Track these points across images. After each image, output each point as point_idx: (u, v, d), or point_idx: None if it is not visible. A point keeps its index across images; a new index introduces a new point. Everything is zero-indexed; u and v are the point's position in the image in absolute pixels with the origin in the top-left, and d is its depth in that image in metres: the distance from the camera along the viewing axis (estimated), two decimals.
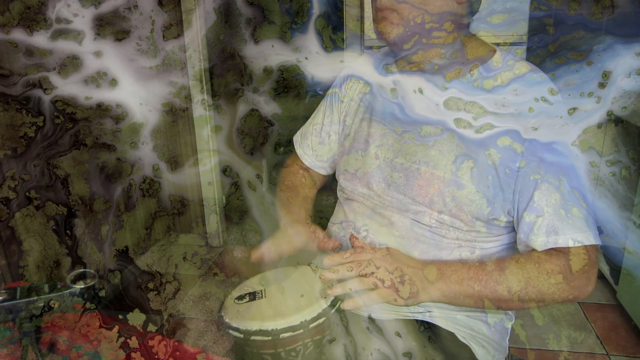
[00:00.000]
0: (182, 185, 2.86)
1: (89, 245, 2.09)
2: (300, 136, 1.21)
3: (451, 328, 0.95)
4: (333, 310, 0.83)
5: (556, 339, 1.97)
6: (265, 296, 0.89)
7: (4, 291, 0.74)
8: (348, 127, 1.09)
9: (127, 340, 0.87)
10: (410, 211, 0.94)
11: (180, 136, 2.76)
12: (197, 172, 2.82)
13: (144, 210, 2.62)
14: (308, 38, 1.09)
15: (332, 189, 1.13)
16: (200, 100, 2.64)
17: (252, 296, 0.89)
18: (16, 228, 1.74)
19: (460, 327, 0.95)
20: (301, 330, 0.79)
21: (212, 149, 2.76)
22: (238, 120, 2.71)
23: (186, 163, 2.80)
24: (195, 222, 2.91)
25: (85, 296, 0.77)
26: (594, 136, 2.20)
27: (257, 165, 3.25)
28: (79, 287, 0.76)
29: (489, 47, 0.96)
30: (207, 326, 2.11)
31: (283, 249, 0.96)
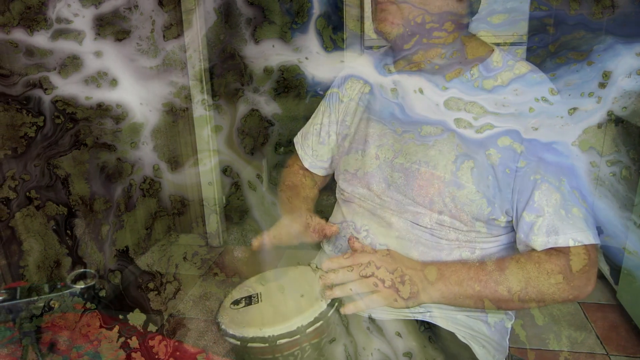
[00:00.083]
0: (183, 185, 2.86)
1: (89, 245, 2.09)
2: (301, 137, 1.21)
3: (451, 328, 0.95)
4: (331, 312, 0.82)
5: (556, 339, 1.97)
6: (261, 300, 0.88)
7: (4, 291, 0.74)
8: (348, 127, 1.09)
9: (128, 340, 0.87)
10: (409, 213, 0.94)
11: (180, 136, 2.76)
12: (197, 172, 2.82)
13: (144, 210, 2.62)
14: (308, 38, 1.09)
15: (333, 189, 1.13)
16: (200, 100, 2.64)
17: (248, 300, 0.89)
18: (16, 228, 1.74)
19: (460, 327, 0.95)
20: (298, 336, 0.78)
21: (212, 149, 2.76)
22: (238, 120, 2.71)
23: (186, 163, 2.80)
24: (195, 222, 2.91)
25: (86, 296, 0.77)
26: (594, 136, 2.20)
27: (257, 165, 3.25)
28: (79, 287, 0.76)
29: (488, 47, 0.96)
30: (207, 326, 2.11)
31: (283, 237, 0.96)
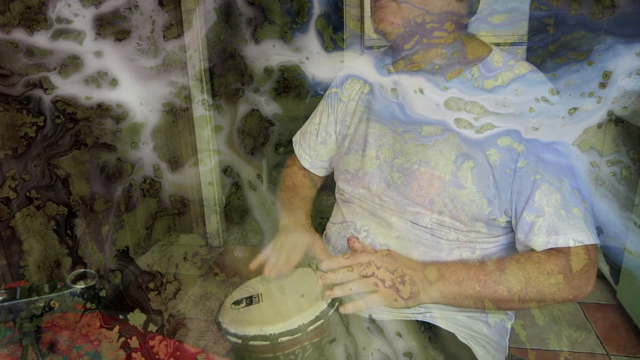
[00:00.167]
0: (183, 185, 2.86)
1: (89, 245, 2.09)
2: (300, 136, 1.21)
3: (451, 328, 0.94)
4: (332, 311, 0.82)
5: (556, 339, 1.97)
6: (262, 300, 0.88)
7: (4, 291, 0.74)
8: (348, 127, 1.08)
9: (128, 340, 0.87)
10: (409, 213, 0.93)
11: (180, 136, 2.76)
12: (197, 172, 2.82)
13: (144, 210, 2.62)
14: (309, 38, 1.09)
15: (333, 189, 1.13)
16: (200, 100, 2.64)
17: (249, 300, 0.89)
18: (17, 228, 1.74)
19: (460, 328, 0.95)
20: (299, 334, 0.79)
21: (212, 149, 2.76)
22: (238, 120, 2.71)
23: (187, 163, 2.80)
24: (195, 222, 2.91)
25: (86, 296, 0.77)
26: (594, 136, 2.20)
27: (257, 165, 3.25)
28: (80, 287, 0.76)
29: (488, 47, 0.96)
30: (207, 326, 2.11)
31: (285, 261, 0.94)
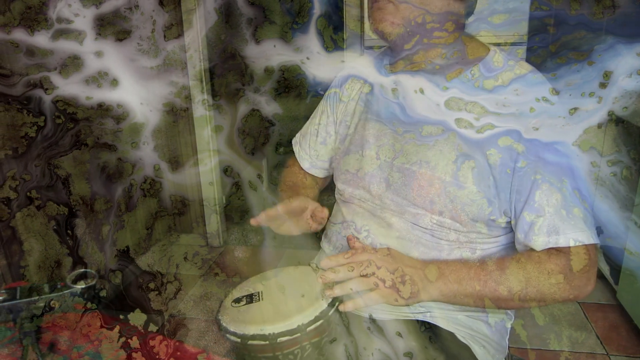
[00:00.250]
0: (183, 185, 2.86)
1: (90, 245, 2.09)
2: (300, 137, 1.21)
3: (451, 328, 0.94)
4: (332, 311, 0.82)
5: (556, 339, 1.97)
6: (262, 299, 0.88)
7: (5, 291, 0.74)
8: (348, 127, 1.08)
9: (128, 340, 0.87)
10: (409, 214, 0.93)
11: (181, 136, 2.76)
12: (197, 172, 2.82)
13: (144, 210, 2.62)
14: (309, 38, 1.09)
15: (333, 189, 1.13)
16: (201, 100, 2.64)
17: (249, 299, 0.89)
18: (17, 228, 1.75)
19: (460, 327, 0.95)
20: (299, 334, 0.78)
21: (212, 149, 2.76)
22: (239, 120, 2.71)
23: (187, 163, 2.80)
24: (196, 222, 2.92)
25: (86, 296, 0.77)
26: (594, 136, 2.20)
27: (257, 165, 3.25)
28: (80, 287, 0.76)
29: (487, 47, 0.96)
30: (208, 326, 2.11)
31: (280, 209, 0.94)
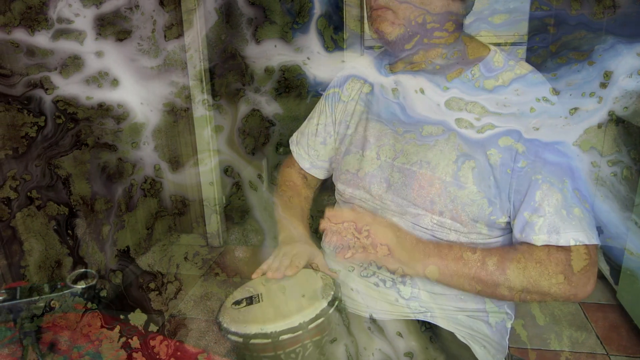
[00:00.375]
0: (183, 185, 2.86)
1: (90, 245, 2.09)
2: (299, 137, 1.20)
3: (452, 328, 0.94)
4: (332, 310, 0.82)
5: (557, 339, 1.97)
6: (262, 300, 0.88)
7: (5, 291, 0.74)
8: (348, 127, 1.08)
9: (129, 340, 0.88)
10: (409, 214, 0.93)
11: (181, 136, 2.76)
12: (197, 172, 2.83)
13: (145, 210, 2.62)
14: (309, 38, 1.09)
15: (334, 190, 1.13)
16: (201, 100, 2.64)
17: (249, 300, 0.89)
18: (17, 228, 1.75)
19: (460, 327, 0.95)
20: (300, 332, 0.78)
21: (213, 149, 2.76)
22: (239, 120, 2.71)
23: (187, 163, 2.80)
24: (196, 222, 2.92)
25: (86, 296, 0.77)
26: (595, 136, 2.20)
27: (258, 165, 3.25)
28: (80, 287, 0.76)
29: (486, 47, 0.96)
30: (208, 326, 2.11)
31: (286, 272, 0.93)
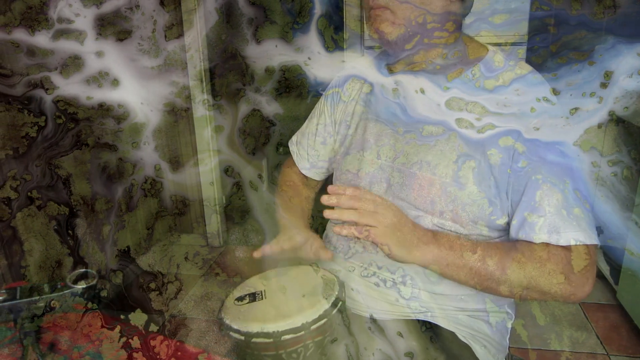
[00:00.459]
0: (184, 185, 2.86)
1: (90, 245, 2.09)
2: (300, 137, 1.20)
3: (452, 327, 0.94)
4: (334, 311, 0.82)
5: (557, 339, 1.97)
6: (265, 297, 0.88)
7: (5, 291, 0.74)
8: (348, 127, 1.08)
9: (129, 340, 0.88)
10: (409, 215, 0.93)
11: (181, 136, 2.76)
12: (198, 172, 2.83)
13: (145, 210, 2.62)
14: (310, 38, 1.09)
15: None
16: (201, 100, 2.64)
17: (252, 297, 0.89)
18: (18, 228, 1.75)
19: (461, 327, 0.95)
20: (302, 332, 0.78)
21: (213, 149, 2.76)
22: (239, 120, 2.70)
23: (187, 163, 2.80)
24: (196, 222, 2.92)
25: (87, 296, 0.77)
26: (595, 136, 2.20)
27: (258, 165, 3.25)
28: (80, 287, 0.76)
29: (485, 47, 0.96)
30: (208, 326, 2.11)
31: (284, 246, 0.95)
